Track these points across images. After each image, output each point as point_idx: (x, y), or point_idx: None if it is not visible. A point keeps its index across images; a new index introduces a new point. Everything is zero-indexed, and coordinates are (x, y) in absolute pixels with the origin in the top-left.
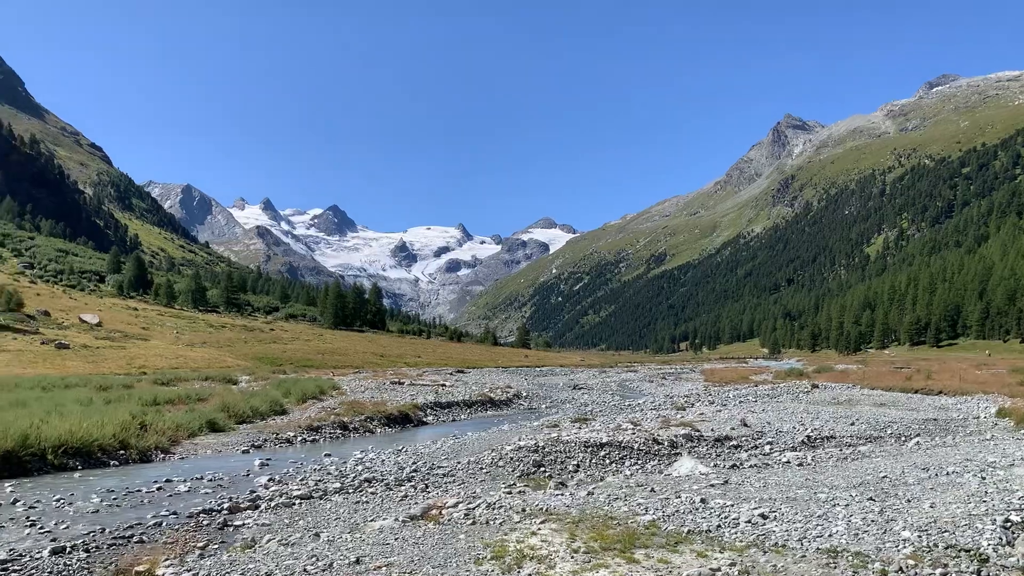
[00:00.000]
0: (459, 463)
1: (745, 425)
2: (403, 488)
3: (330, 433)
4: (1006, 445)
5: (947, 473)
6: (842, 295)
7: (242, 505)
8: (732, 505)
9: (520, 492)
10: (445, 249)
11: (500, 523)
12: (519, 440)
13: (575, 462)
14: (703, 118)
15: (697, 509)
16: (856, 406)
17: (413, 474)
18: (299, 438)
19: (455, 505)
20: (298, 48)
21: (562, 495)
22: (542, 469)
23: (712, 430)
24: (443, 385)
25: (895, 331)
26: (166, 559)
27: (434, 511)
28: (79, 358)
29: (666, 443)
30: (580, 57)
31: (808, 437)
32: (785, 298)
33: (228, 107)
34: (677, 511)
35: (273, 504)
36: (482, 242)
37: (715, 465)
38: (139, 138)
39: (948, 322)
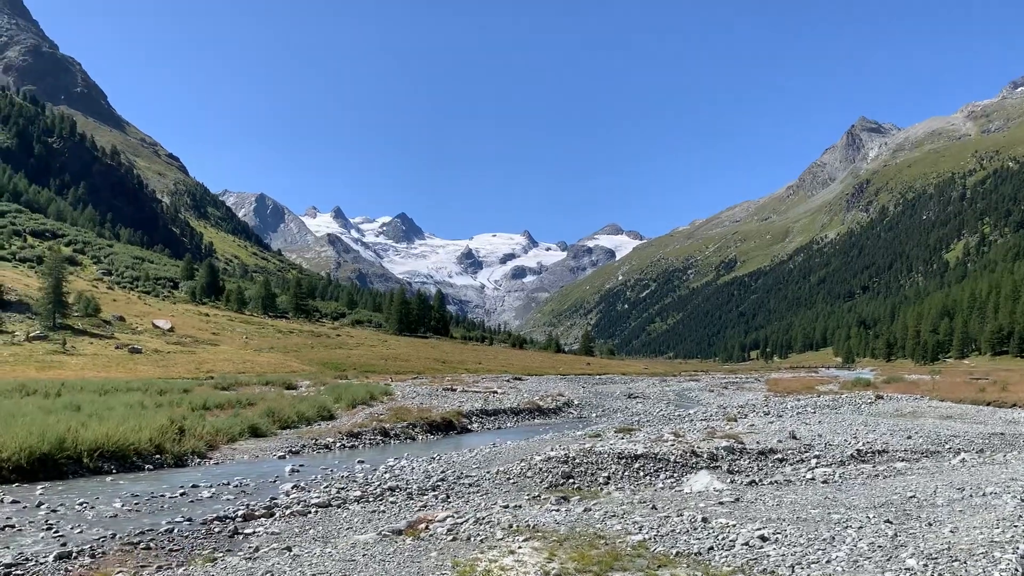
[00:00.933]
0: (487, 473)
1: (794, 438)
2: (425, 498)
3: (370, 439)
4: None
5: (983, 494)
6: (919, 303)
7: (257, 513)
8: (734, 525)
9: (516, 507)
10: (511, 256)
11: (481, 540)
12: (550, 451)
13: (606, 474)
14: (775, 121)
15: (695, 529)
16: (919, 418)
17: (439, 483)
18: (338, 444)
19: (443, 520)
20: (365, 60)
21: (558, 511)
22: (571, 481)
23: (757, 443)
24: (495, 392)
25: (975, 340)
26: (119, 571)
27: (421, 525)
28: (150, 362)
29: (705, 456)
30: (648, 61)
31: (858, 451)
32: (860, 306)
33: (301, 118)
34: (673, 531)
35: (288, 512)
36: (547, 249)
37: (731, 481)
38: (215, 149)
39: None
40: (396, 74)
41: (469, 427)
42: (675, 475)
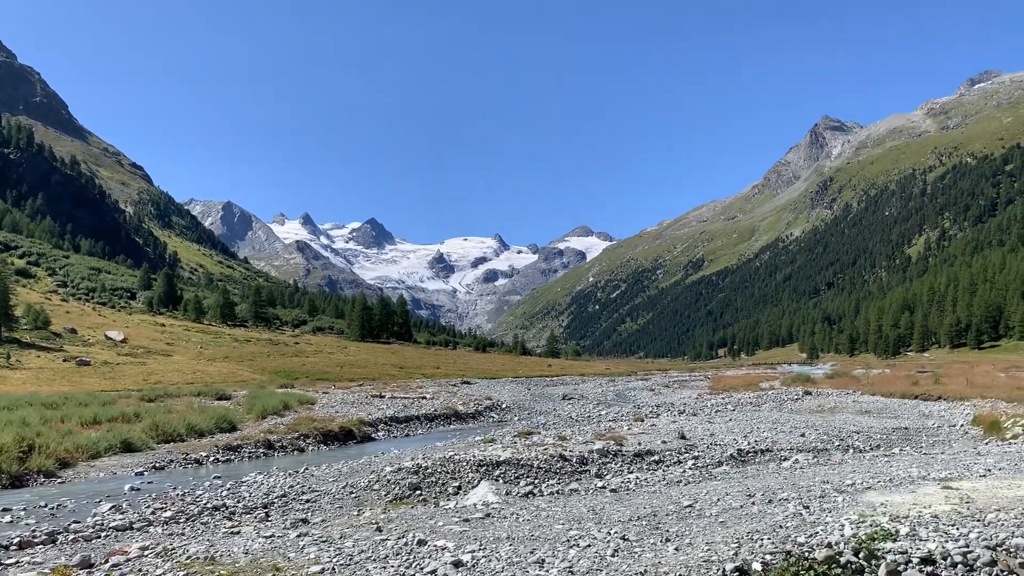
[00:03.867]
0: (334, 488)
1: (682, 438)
2: (247, 517)
3: (251, 452)
4: (910, 461)
5: (770, 501)
6: (881, 298)
7: (36, 540)
8: (447, 548)
9: (233, 532)
10: (482, 259)
11: None
12: (405, 461)
13: (457, 483)
14: (740, 121)
15: (398, 554)
16: (837, 414)
17: (275, 500)
18: (211, 458)
19: (131, 552)
20: (333, 65)
21: (271, 537)
22: (418, 492)
23: (639, 444)
24: (424, 397)
25: (935, 334)
26: None
27: (109, 559)
28: (98, 375)
29: (574, 460)
30: (614, 63)
31: (739, 451)
32: (825, 302)
33: (268, 125)
34: (369, 557)
35: (72, 538)
36: (519, 252)
37: (508, 493)
38: (182, 158)
39: (990, 323)
40: (363, 79)
41: (373, 436)
42: (536, 480)
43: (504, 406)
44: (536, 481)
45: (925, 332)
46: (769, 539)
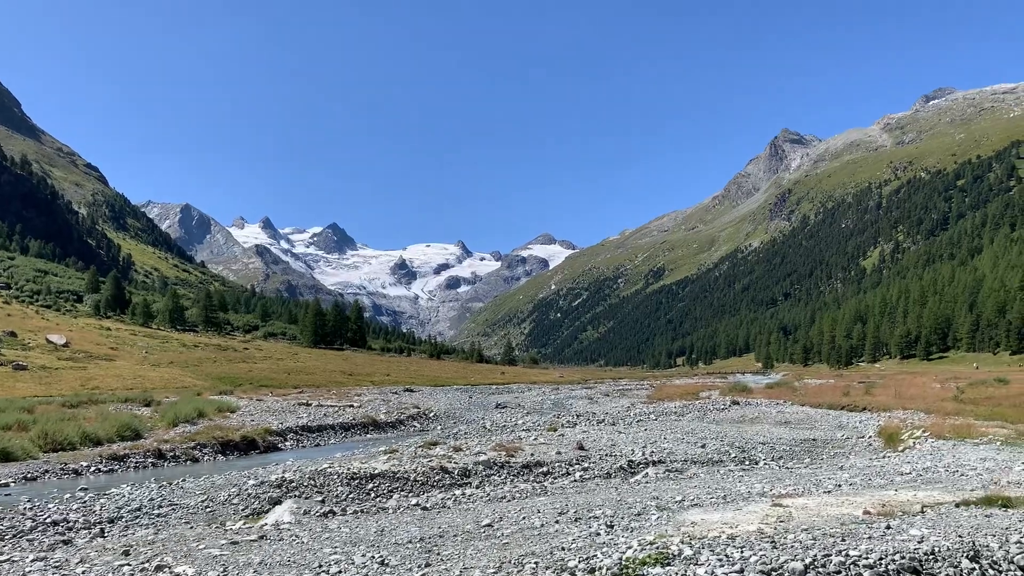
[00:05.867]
0: (194, 501)
1: (580, 448)
2: (84, 532)
3: (138, 462)
4: (765, 476)
5: (578, 519)
6: (835, 309)
7: None
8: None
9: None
10: (445, 266)
11: None
12: (270, 474)
13: (321, 497)
14: (701, 133)
15: None
16: (755, 425)
17: (128, 514)
18: (92, 468)
19: None
20: (294, 67)
21: (3, 562)
22: (277, 507)
23: (532, 455)
24: (351, 406)
25: (886, 344)
26: None
27: None
28: (33, 380)
29: (456, 472)
30: (578, 72)
31: (631, 462)
32: (781, 312)
33: (227, 126)
34: None
35: None
36: (482, 259)
37: (306, 512)
38: (139, 159)
39: (938, 335)
40: (326, 83)
41: (280, 445)
42: (412, 493)
43: (432, 415)
44: (408, 494)
45: (877, 343)
46: (536, 564)
